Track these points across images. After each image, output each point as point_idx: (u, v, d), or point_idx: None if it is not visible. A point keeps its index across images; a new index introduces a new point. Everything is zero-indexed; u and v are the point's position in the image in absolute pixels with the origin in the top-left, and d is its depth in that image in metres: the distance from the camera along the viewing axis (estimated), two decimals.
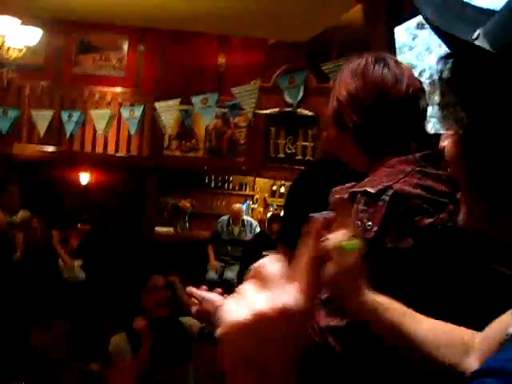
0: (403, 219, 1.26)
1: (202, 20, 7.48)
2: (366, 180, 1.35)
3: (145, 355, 3.08)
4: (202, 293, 1.62)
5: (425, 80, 2.41)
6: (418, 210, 1.27)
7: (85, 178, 9.30)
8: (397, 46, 3.54)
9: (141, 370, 3.03)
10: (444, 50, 1.25)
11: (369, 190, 1.28)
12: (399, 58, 3.54)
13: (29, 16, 6.52)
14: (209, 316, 1.55)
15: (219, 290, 1.64)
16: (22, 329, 2.75)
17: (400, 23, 3.50)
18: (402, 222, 1.26)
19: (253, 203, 9.79)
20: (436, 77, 0.82)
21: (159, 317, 3.23)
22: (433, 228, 1.26)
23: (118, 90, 8.92)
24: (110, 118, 5.77)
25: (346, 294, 1.14)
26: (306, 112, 7.42)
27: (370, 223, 1.25)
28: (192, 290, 1.65)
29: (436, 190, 1.30)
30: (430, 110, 1.52)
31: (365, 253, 1.16)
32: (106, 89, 8.82)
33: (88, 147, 8.60)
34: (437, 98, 1.27)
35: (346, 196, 1.34)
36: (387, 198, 1.26)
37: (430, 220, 1.26)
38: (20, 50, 5.58)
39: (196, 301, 1.62)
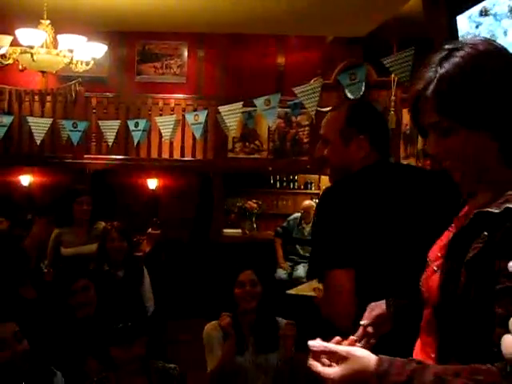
0: None
1: (259, 22, 7.55)
2: None
3: (230, 352, 3.31)
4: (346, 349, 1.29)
5: None
6: None
7: (153, 183, 9.51)
8: (459, 35, 3.49)
9: (228, 359, 3.30)
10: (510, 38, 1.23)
11: None
12: None
13: (93, 31, 6.75)
14: None
15: (353, 337, 1.40)
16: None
17: (462, 11, 3.46)
18: None
19: None
20: None
21: (246, 309, 3.40)
22: None
23: (181, 96, 9.08)
24: (175, 124, 5.87)
25: None
26: None
27: None
28: (320, 345, 1.30)
29: None
30: None
31: None
32: (168, 96, 8.99)
33: (154, 154, 8.79)
34: None
35: (496, 211, 1.26)
36: None
37: None
38: (87, 63, 5.77)
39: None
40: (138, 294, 4.19)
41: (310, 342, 1.31)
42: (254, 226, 9.20)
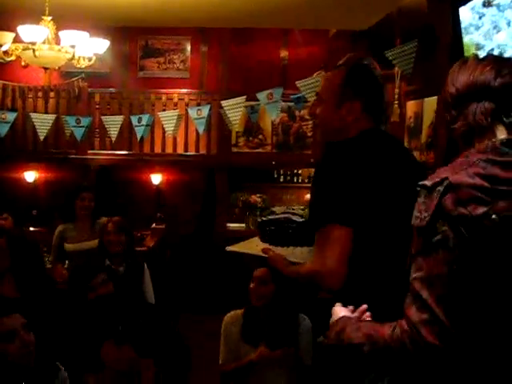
0: (454, 208, 1.29)
1: (262, 16, 7.50)
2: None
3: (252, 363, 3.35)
4: None
5: None
6: (471, 199, 1.28)
7: (157, 178, 9.51)
8: (462, 26, 3.46)
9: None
10: None
11: (426, 183, 1.35)
12: (466, 38, 3.46)
13: (96, 26, 6.74)
14: None
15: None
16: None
17: (465, 3, 3.43)
18: (453, 210, 1.29)
19: None
20: None
21: (257, 306, 3.42)
22: (486, 216, 1.27)
23: (184, 91, 9.07)
24: (178, 118, 5.86)
25: None
26: None
27: (426, 214, 1.31)
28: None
29: (500, 179, 1.30)
30: None
31: (418, 243, 1.32)
32: (171, 91, 8.98)
33: (158, 149, 8.79)
34: None
35: (428, 184, 1.37)
36: (441, 189, 1.30)
37: (484, 209, 1.27)
38: (90, 59, 5.76)
39: None
40: (140, 290, 4.17)
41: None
42: (259, 220, 9.15)
